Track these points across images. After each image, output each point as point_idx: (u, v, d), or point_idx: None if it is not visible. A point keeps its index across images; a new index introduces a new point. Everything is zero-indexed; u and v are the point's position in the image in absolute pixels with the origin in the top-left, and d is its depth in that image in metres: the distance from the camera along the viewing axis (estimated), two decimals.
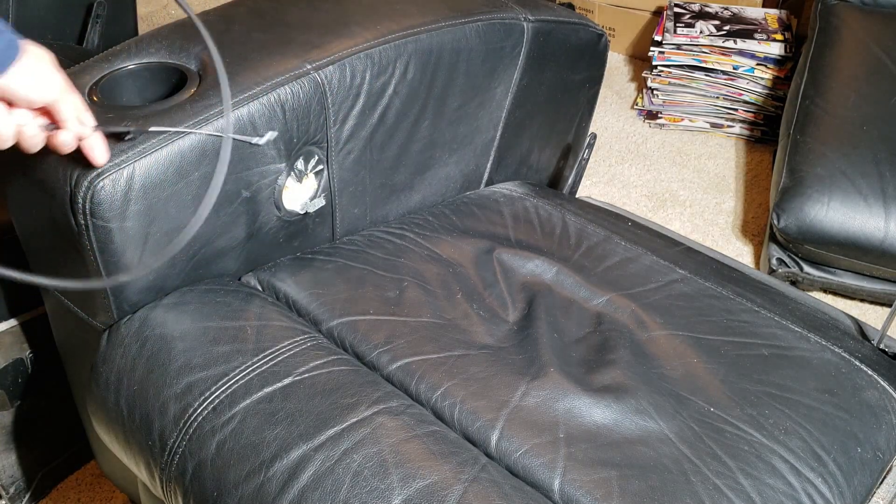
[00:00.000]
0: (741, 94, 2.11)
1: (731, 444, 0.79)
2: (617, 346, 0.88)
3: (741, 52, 2.08)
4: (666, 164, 2.06)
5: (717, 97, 2.13)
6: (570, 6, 2.43)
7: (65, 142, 0.75)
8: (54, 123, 0.74)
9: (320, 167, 0.97)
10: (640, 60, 2.47)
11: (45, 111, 0.73)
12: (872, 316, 1.62)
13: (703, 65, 2.11)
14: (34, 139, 0.73)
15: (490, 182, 1.24)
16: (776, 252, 1.63)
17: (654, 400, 0.82)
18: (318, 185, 0.98)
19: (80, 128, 0.75)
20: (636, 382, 0.84)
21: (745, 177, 2.02)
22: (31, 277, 0.65)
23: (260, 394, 0.79)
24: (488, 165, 1.22)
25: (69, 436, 1.25)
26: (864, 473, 0.81)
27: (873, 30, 1.87)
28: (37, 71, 0.71)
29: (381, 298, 0.93)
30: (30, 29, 1.51)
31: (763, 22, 2.16)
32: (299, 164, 0.94)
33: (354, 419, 0.76)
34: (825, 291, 1.67)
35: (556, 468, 0.75)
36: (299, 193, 0.96)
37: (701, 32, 2.12)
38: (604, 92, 2.04)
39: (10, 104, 0.71)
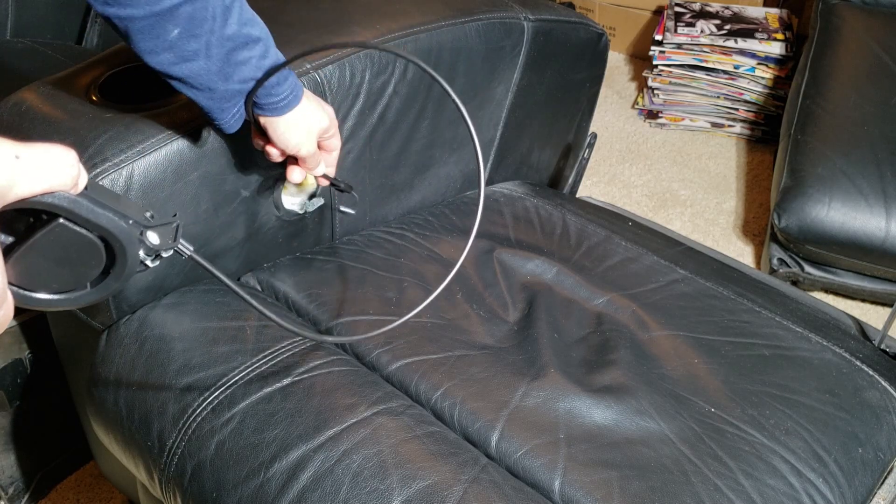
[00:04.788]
0: (742, 94, 2.10)
1: (732, 445, 0.79)
2: (617, 347, 0.88)
3: (742, 52, 2.08)
4: (667, 164, 2.06)
5: (718, 97, 2.13)
6: (571, 5, 2.43)
7: (294, 176, 0.85)
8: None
9: None
10: (641, 60, 2.47)
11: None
12: (874, 316, 1.62)
13: (704, 64, 2.10)
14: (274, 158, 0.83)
15: (490, 182, 1.24)
16: (777, 252, 1.63)
17: (654, 400, 0.82)
18: (317, 185, 0.98)
19: (314, 171, 0.86)
20: (637, 383, 0.84)
21: (745, 176, 2.02)
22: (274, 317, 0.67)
23: (259, 394, 0.78)
24: (488, 165, 1.21)
25: (68, 436, 1.24)
26: (865, 474, 0.81)
27: (874, 29, 1.87)
28: (302, 125, 0.78)
29: (381, 298, 0.93)
30: (30, 29, 1.51)
31: (764, 21, 2.16)
32: None
33: (354, 420, 0.76)
34: (826, 291, 1.67)
35: (556, 469, 0.75)
36: (298, 193, 0.96)
37: (702, 32, 2.12)
38: (604, 91, 2.03)
39: (268, 140, 0.79)
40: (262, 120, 0.77)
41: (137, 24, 0.66)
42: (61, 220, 0.47)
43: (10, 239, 0.47)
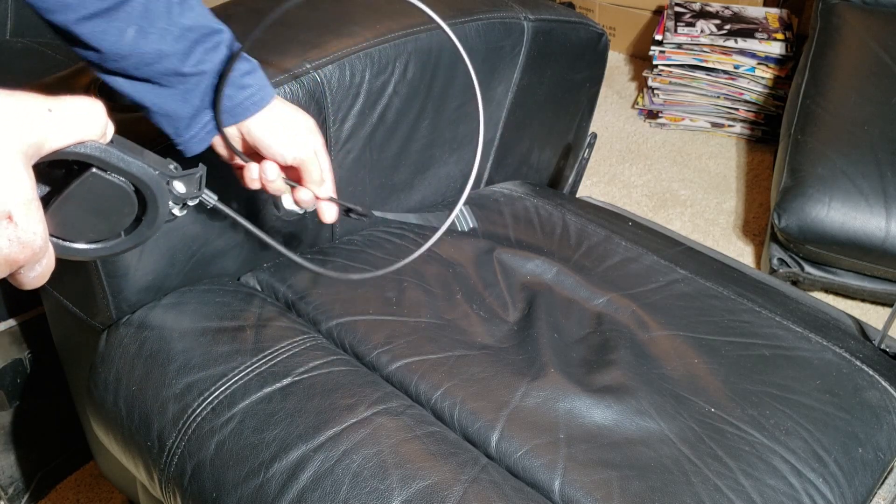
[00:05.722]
0: (742, 94, 2.10)
1: (732, 445, 0.79)
2: (617, 347, 0.88)
3: (742, 52, 2.08)
4: (667, 164, 2.06)
5: (718, 97, 2.13)
6: (571, 5, 2.43)
7: (303, 199, 0.76)
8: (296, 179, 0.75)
9: None
10: (641, 60, 2.47)
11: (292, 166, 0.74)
12: (874, 316, 1.62)
13: (704, 64, 2.10)
14: (275, 186, 0.75)
15: (490, 182, 1.24)
16: (777, 252, 1.63)
17: (654, 400, 0.82)
18: None
19: (319, 191, 0.76)
20: (637, 383, 0.84)
21: (745, 176, 2.02)
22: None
23: (259, 394, 0.78)
24: (488, 165, 1.21)
25: (68, 436, 1.24)
26: (865, 474, 0.81)
27: (874, 29, 1.87)
28: (288, 121, 0.71)
29: (380, 298, 0.93)
30: (30, 29, 1.51)
31: (764, 21, 2.16)
32: None
33: (354, 420, 0.76)
34: (826, 291, 1.67)
35: (556, 469, 0.75)
36: None
37: (702, 31, 2.12)
38: (604, 91, 2.04)
39: (260, 155, 0.73)
40: (242, 129, 0.71)
41: (87, 26, 0.60)
42: (94, 170, 0.48)
43: (46, 190, 0.48)
